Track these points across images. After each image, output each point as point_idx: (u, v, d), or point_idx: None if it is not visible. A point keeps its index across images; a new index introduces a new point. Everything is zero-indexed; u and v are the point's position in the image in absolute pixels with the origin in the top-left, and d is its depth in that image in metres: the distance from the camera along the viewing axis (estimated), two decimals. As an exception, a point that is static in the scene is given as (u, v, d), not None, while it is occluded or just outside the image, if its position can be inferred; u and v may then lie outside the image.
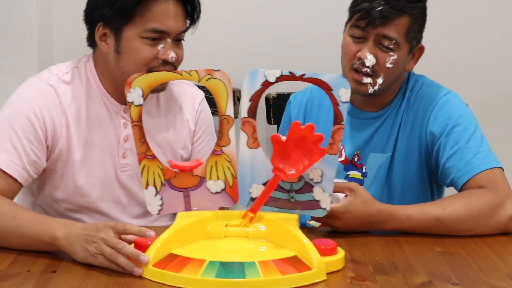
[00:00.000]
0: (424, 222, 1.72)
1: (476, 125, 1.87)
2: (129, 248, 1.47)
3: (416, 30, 1.90)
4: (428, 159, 1.92)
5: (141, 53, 1.77)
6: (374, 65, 1.87)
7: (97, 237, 1.48)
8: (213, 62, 2.38)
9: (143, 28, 1.76)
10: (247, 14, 2.51)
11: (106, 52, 1.81)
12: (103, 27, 1.80)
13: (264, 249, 1.54)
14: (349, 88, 1.56)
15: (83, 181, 1.84)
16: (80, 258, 1.50)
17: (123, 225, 1.51)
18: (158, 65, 1.78)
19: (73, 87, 1.84)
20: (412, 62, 1.95)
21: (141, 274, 1.46)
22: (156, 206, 1.62)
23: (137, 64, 1.77)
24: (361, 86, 1.89)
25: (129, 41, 1.77)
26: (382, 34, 1.85)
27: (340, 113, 1.57)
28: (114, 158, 1.86)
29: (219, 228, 1.59)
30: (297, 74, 1.57)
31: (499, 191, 1.74)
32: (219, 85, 1.58)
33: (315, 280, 1.45)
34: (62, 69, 1.86)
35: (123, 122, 1.86)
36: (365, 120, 1.99)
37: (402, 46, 1.87)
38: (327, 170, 1.59)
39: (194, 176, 1.62)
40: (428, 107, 1.91)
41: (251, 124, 1.61)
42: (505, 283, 1.46)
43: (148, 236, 1.50)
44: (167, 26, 1.77)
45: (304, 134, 1.54)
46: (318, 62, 2.49)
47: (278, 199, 1.62)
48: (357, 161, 1.97)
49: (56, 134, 1.80)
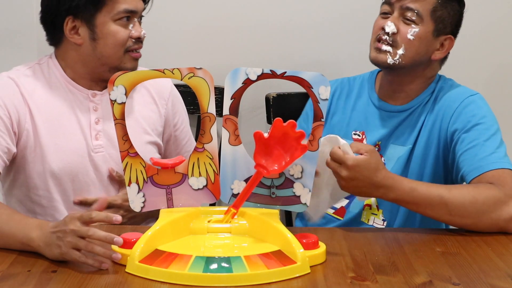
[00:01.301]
0: (427, 198, 1.72)
1: (498, 129, 1.89)
2: (101, 232, 1.49)
3: (445, 16, 1.95)
4: (446, 154, 1.94)
5: (119, 35, 1.88)
6: (395, 35, 1.93)
7: (67, 230, 1.49)
8: (195, 60, 2.40)
9: (116, 11, 1.87)
10: (229, 13, 2.52)
11: (80, 44, 1.89)
12: (72, 21, 1.88)
13: (248, 244, 1.57)
14: (329, 86, 1.59)
15: (54, 165, 1.89)
16: (55, 257, 1.51)
17: (88, 214, 1.52)
18: (132, 44, 1.90)
19: (35, 79, 1.92)
20: (440, 52, 1.98)
21: (120, 259, 1.48)
22: (139, 203, 1.63)
23: (115, 46, 1.89)
24: (380, 53, 1.94)
25: (104, 26, 1.87)
26: (405, 6, 1.93)
27: (320, 110, 1.60)
28: (87, 141, 1.92)
29: (202, 224, 1.61)
30: (278, 72, 1.59)
31: (507, 189, 1.74)
32: (201, 83, 1.60)
33: (300, 273, 1.48)
34: (22, 67, 1.95)
35: (93, 105, 1.94)
36: (390, 112, 2.01)
37: (426, 21, 1.93)
38: (308, 166, 1.62)
39: (176, 173, 1.64)
40: (453, 104, 1.94)
41: (232, 121, 1.63)
42: (505, 283, 1.47)
43: (115, 221, 1.51)
44: (136, 6, 1.90)
45: (286, 131, 1.57)
46: (300, 60, 2.52)
47: (260, 195, 1.65)
48: (377, 151, 2.00)
49: (20, 122, 1.87)
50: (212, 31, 2.51)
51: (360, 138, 2.03)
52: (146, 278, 1.45)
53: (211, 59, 2.49)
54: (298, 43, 2.52)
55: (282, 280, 1.45)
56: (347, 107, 2.08)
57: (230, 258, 1.48)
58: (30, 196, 1.91)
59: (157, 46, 2.47)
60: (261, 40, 2.52)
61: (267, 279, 1.45)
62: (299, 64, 2.49)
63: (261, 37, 2.52)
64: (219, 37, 2.52)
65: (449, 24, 1.97)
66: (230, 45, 2.53)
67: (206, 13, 2.51)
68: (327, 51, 2.50)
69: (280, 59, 2.51)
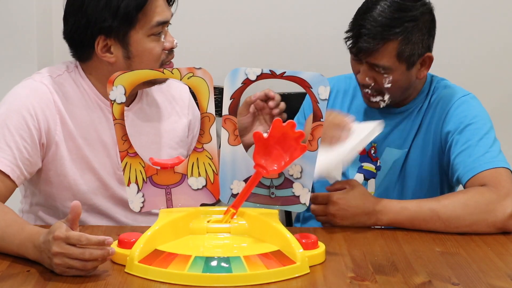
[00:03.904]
0: (419, 214, 1.75)
1: (491, 127, 1.90)
2: (92, 238, 1.42)
3: (413, 48, 1.88)
4: (441, 157, 1.94)
5: (154, 51, 1.81)
6: (374, 85, 1.91)
7: (53, 252, 1.42)
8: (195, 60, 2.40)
9: (149, 26, 1.79)
10: (229, 13, 2.52)
11: (112, 62, 1.81)
12: (104, 39, 1.79)
13: (247, 244, 1.57)
14: (328, 86, 1.59)
15: (80, 180, 1.84)
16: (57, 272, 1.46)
17: (77, 237, 1.42)
18: (165, 57, 1.84)
19: (66, 89, 1.83)
20: (423, 70, 1.95)
21: (114, 253, 1.46)
22: (138, 203, 1.63)
23: (151, 62, 1.81)
24: (372, 103, 1.95)
25: (139, 44, 1.80)
26: (371, 62, 1.89)
27: (320, 110, 1.60)
28: (112, 158, 1.87)
29: (202, 224, 1.61)
30: (277, 72, 1.60)
31: (499, 189, 1.75)
32: (201, 83, 1.60)
33: (299, 273, 1.48)
34: (55, 71, 1.86)
35: None
36: (386, 114, 2.01)
37: (396, 67, 1.88)
38: (307, 166, 1.62)
39: (175, 173, 1.64)
40: (445, 106, 1.94)
41: (232, 121, 1.63)
42: (505, 283, 1.47)
43: (107, 244, 1.44)
44: (166, 16, 1.83)
45: (285, 131, 1.57)
46: (300, 62, 2.52)
47: (259, 195, 1.65)
48: (373, 153, 2.00)
49: (50, 131, 1.79)
50: (212, 31, 2.52)
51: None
52: (145, 278, 1.45)
53: (210, 59, 2.49)
54: (298, 43, 2.52)
55: (281, 280, 1.45)
56: (344, 106, 2.08)
57: (229, 258, 1.48)
58: (53, 206, 1.86)
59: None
60: (261, 40, 2.52)
61: (267, 279, 1.45)
62: (299, 64, 2.49)
63: (261, 37, 2.52)
64: (219, 37, 2.52)
65: (420, 49, 1.90)
66: (230, 45, 2.53)
67: (206, 13, 2.52)
68: (327, 51, 2.51)
69: (280, 59, 2.51)
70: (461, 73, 2.54)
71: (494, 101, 2.55)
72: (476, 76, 2.61)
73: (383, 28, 1.85)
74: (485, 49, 2.62)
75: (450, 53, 2.55)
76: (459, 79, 2.13)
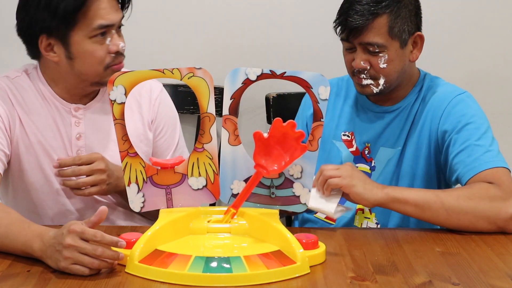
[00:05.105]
0: (425, 195, 1.74)
1: (488, 126, 1.89)
2: (108, 237, 1.45)
3: (402, 23, 1.90)
4: (438, 155, 1.94)
5: (96, 53, 1.81)
6: (370, 70, 1.90)
7: (64, 245, 1.43)
8: (195, 60, 2.40)
9: (90, 28, 1.79)
10: (230, 13, 2.52)
11: (56, 61, 1.83)
12: (46, 39, 1.81)
13: (247, 244, 1.57)
14: (328, 86, 1.59)
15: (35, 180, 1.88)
16: (57, 268, 1.46)
17: (92, 233, 1.44)
18: (111, 59, 1.82)
19: (23, 88, 1.89)
20: (415, 51, 1.95)
21: (123, 258, 1.46)
22: (139, 203, 1.63)
23: (94, 65, 1.82)
24: (364, 88, 1.93)
25: (79, 45, 1.80)
26: (364, 41, 1.88)
27: (320, 110, 1.60)
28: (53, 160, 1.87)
29: (202, 224, 1.61)
30: (277, 72, 1.60)
31: (503, 188, 1.75)
32: (201, 83, 1.60)
33: (299, 273, 1.48)
34: (13, 73, 1.91)
35: (75, 120, 1.89)
36: (378, 113, 2.00)
37: (389, 44, 1.89)
38: (307, 166, 1.62)
39: (176, 173, 1.64)
40: (441, 104, 1.93)
41: (232, 121, 1.63)
42: (505, 283, 1.46)
43: (120, 247, 1.46)
44: (111, 19, 1.81)
45: (286, 131, 1.57)
46: (300, 62, 2.52)
47: (259, 195, 1.65)
48: (367, 154, 2.00)
49: (11, 126, 1.85)
50: (212, 31, 2.52)
51: (350, 139, 2.03)
52: (145, 278, 1.45)
53: (211, 59, 2.49)
54: (298, 43, 2.52)
55: (281, 280, 1.45)
56: (336, 107, 2.07)
57: (229, 258, 1.48)
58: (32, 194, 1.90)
59: (157, 46, 2.48)
60: (261, 40, 2.52)
61: (267, 279, 1.44)
62: (299, 64, 2.49)
63: (261, 37, 2.52)
64: (219, 37, 2.52)
65: (409, 26, 1.91)
66: (230, 45, 2.53)
67: (206, 13, 2.52)
68: (328, 51, 2.50)
69: (280, 59, 2.51)
70: (461, 73, 2.54)
71: (494, 101, 2.55)
72: (476, 76, 2.61)
73: (370, 5, 1.87)
74: (485, 49, 2.61)
75: (450, 53, 2.55)
76: (459, 79, 2.13)
